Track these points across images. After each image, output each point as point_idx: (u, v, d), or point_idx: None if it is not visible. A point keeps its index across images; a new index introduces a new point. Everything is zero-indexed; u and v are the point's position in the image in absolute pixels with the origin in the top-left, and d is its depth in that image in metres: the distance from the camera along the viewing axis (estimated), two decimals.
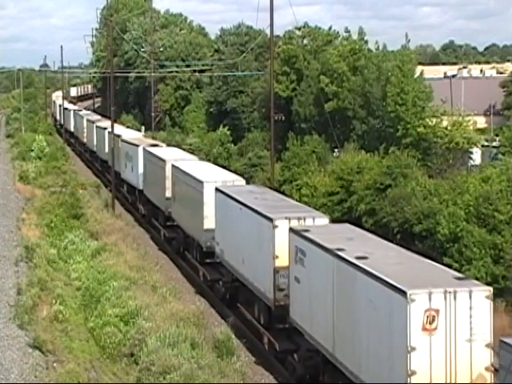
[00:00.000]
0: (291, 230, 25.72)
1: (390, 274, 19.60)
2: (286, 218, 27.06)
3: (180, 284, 37.74)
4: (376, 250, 22.27)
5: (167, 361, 22.96)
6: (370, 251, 21.89)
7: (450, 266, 29.86)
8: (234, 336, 27.26)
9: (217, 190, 34.56)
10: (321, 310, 23.29)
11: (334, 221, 32.64)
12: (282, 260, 26.41)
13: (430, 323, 18.44)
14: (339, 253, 21.96)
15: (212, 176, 38.69)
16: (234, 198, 32.02)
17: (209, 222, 35.98)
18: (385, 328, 19.37)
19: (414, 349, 18.32)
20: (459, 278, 19.69)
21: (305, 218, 27.12)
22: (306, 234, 24.52)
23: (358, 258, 21.20)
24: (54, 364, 23.60)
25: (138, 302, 28.51)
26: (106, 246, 38.17)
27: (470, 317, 18.61)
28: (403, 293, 18.45)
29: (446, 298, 18.53)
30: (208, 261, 36.94)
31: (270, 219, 27.44)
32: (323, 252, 22.89)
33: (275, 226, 27.05)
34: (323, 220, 27.39)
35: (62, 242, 39.84)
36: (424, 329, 18.41)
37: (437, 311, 18.46)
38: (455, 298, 18.58)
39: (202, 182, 37.40)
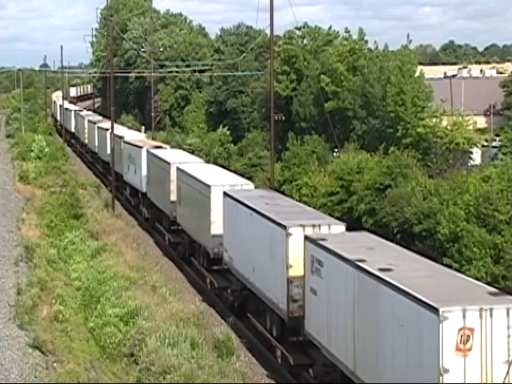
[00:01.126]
0: (307, 238, 24.49)
1: (418, 288, 18.29)
2: (300, 226, 25.76)
3: (180, 284, 37.71)
4: (400, 261, 20.99)
5: (167, 361, 22.95)
6: (393, 262, 20.62)
7: (450, 266, 29.89)
8: (234, 336, 27.24)
9: (225, 194, 33.35)
10: (340, 324, 22.02)
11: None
12: (296, 269, 25.19)
13: (465, 343, 17.18)
14: (360, 264, 20.68)
15: (219, 180, 37.43)
16: (244, 203, 30.69)
17: (216, 228, 34.80)
18: (413, 347, 18.05)
19: (446, 371, 17.01)
20: (494, 294, 18.35)
21: (320, 226, 25.84)
22: (323, 242, 23.30)
23: (381, 269, 19.93)
24: (54, 364, 23.60)
25: (138, 302, 28.51)
26: (106, 246, 38.19)
27: (508, 336, 17.37)
28: (435, 310, 17.12)
29: (481, 315, 17.25)
30: (215, 268, 35.78)
31: (284, 226, 26.12)
32: (343, 263, 21.59)
33: (289, 234, 25.73)
34: (339, 227, 26.11)
35: (62, 242, 39.88)
36: (458, 349, 17.13)
37: (471, 330, 17.20)
38: (491, 315, 17.32)
39: (209, 186, 36.22)
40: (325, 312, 22.96)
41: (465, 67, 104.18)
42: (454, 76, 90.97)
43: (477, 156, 56.48)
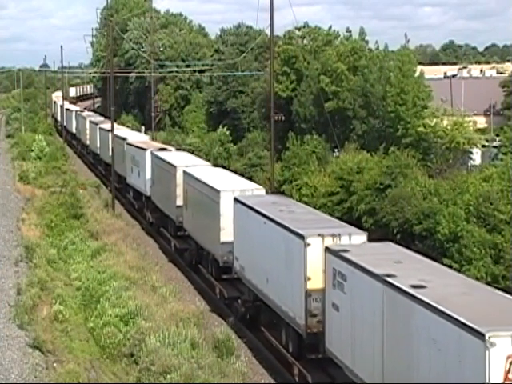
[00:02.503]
0: (328, 249, 22.84)
1: (457, 308, 16.54)
2: (319, 235, 24.05)
3: (180, 284, 37.67)
4: (432, 277, 19.19)
5: (167, 361, 22.96)
6: (425, 278, 18.89)
7: (450, 267, 29.86)
8: (234, 336, 27.22)
9: (236, 200, 31.74)
10: (366, 343, 20.34)
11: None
12: (315, 282, 23.67)
13: None
14: (389, 279, 19.01)
15: (229, 184, 35.76)
16: (257, 210, 29.02)
17: (226, 235, 33.16)
18: (453, 375, 16.24)
19: None
20: None
21: (340, 235, 24.10)
22: (346, 255, 21.62)
23: (413, 286, 18.24)
24: (54, 364, 23.60)
25: (138, 302, 28.52)
26: (106, 246, 38.19)
27: None
28: (480, 335, 15.32)
29: None
30: (225, 277, 34.24)
31: (301, 236, 24.39)
32: (369, 278, 19.85)
33: (307, 244, 24.03)
34: (360, 237, 24.36)
35: (62, 242, 39.91)
36: (506, 379, 15.35)
37: None
38: None
39: (218, 191, 34.52)
40: (348, 329, 21.32)
41: (465, 67, 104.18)
42: (453, 76, 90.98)
43: (477, 156, 56.49)
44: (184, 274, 39.79)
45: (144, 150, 52.36)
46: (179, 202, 41.65)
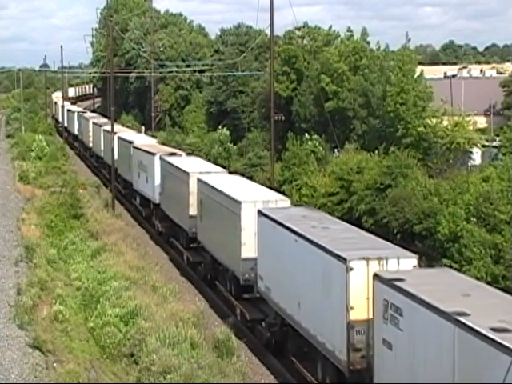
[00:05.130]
0: (377, 277, 19.79)
1: None
2: (363, 259, 21.10)
3: (180, 284, 37.65)
4: None
5: (167, 361, 22.95)
6: (505, 318, 15.91)
7: (450, 267, 29.87)
8: (233, 336, 27.20)
9: (260, 213, 28.50)
10: None
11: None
12: (359, 312, 20.83)
13: None
14: (463, 320, 16.04)
15: (250, 195, 32.42)
16: (286, 225, 25.86)
17: (247, 250, 30.25)
18: None
19: None
20: None
21: (387, 259, 21.20)
22: (401, 284, 18.60)
23: (495, 330, 15.32)
24: (54, 364, 23.58)
25: (138, 302, 28.50)
26: (106, 246, 38.17)
27: None
28: None
29: None
30: (246, 296, 31.21)
31: (343, 259, 21.32)
32: (435, 315, 16.89)
33: (350, 269, 20.98)
34: (410, 261, 21.32)
35: (62, 241, 39.89)
36: None
37: None
38: None
39: (239, 203, 31.20)
40: (405, 373, 18.36)
41: (465, 67, 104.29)
42: (453, 76, 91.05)
43: (477, 156, 56.50)
44: (197, 289, 37.06)
45: (152, 154, 49.53)
46: (192, 211, 38.75)
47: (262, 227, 28.34)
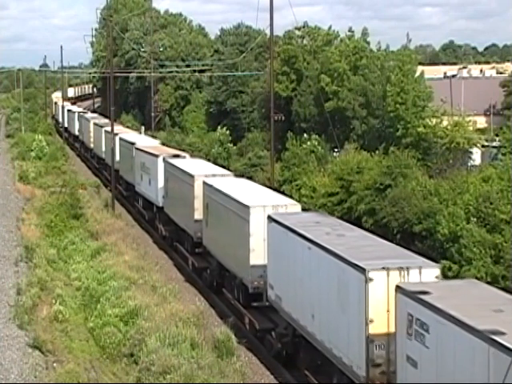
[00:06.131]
0: (400, 289, 18.41)
1: None
2: (383, 269, 19.94)
3: (180, 284, 37.64)
4: None
5: (167, 361, 22.95)
6: None
7: (449, 267, 29.89)
8: (234, 336, 27.19)
9: (270, 218, 27.31)
10: None
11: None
12: (379, 325, 19.78)
13: None
14: (499, 339, 14.73)
15: (259, 199, 31.26)
16: (298, 232, 24.74)
17: (256, 257, 29.22)
18: None
19: None
20: None
21: (408, 269, 19.96)
22: (427, 298, 17.27)
23: None
24: (54, 364, 23.61)
25: (138, 302, 28.52)
26: (106, 246, 38.18)
27: None
28: None
29: None
30: (255, 304, 30.18)
31: (361, 269, 20.13)
32: (467, 333, 15.59)
33: (369, 280, 19.81)
34: (433, 271, 20.08)
35: (61, 242, 39.92)
36: None
37: None
38: None
39: (247, 207, 30.03)
40: None
41: (465, 67, 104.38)
42: (453, 76, 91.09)
43: (477, 156, 56.51)
44: (204, 297, 35.61)
45: (156, 156, 48.39)
46: (198, 215, 37.83)
47: (272, 233, 27.21)
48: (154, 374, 22.80)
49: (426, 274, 19.94)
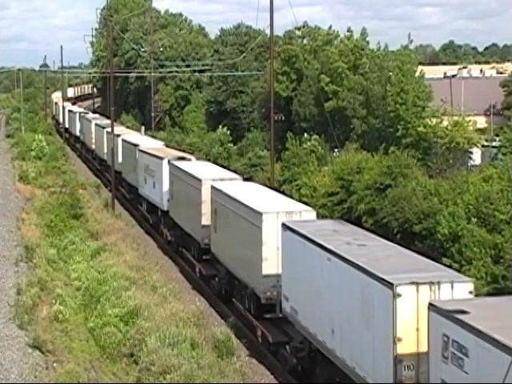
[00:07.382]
0: (433, 307, 16.70)
1: None
2: (412, 284, 18.33)
3: (180, 284, 37.64)
4: None
5: (167, 361, 22.95)
6: None
7: (450, 267, 29.81)
8: (233, 336, 27.18)
9: (285, 226, 25.83)
10: None
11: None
12: (408, 345, 18.26)
13: None
14: None
15: (272, 205, 29.69)
16: (316, 242, 23.16)
17: (269, 266, 27.86)
18: None
19: None
20: None
21: (439, 283, 18.41)
22: (466, 319, 15.61)
23: None
24: (54, 364, 23.61)
25: (138, 302, 28.51)
26: (106, 246, 38.18)
27: None
28: None
29: None
30: (268, 316, 28.66)
31: (389, 284, 18.50)
32: None
33: (397, 295, 18.25)
34: (466, 285, 18.62)
35: (62, 241, 39.90)
36: None
37: None
38: None
39: (260, 214, 28.54)
40: None
41: (465, 67, 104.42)
42: (453, 76, 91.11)
43: (477, 156, 56.53)
44: (208, 303, 34.54)
45: (160, 158, 46.99)
46: (205, 221, 36.42)
47: (286, 242, 25.65)
48: (154, 373, 22.80)
49: (458, 288, 18.48)
